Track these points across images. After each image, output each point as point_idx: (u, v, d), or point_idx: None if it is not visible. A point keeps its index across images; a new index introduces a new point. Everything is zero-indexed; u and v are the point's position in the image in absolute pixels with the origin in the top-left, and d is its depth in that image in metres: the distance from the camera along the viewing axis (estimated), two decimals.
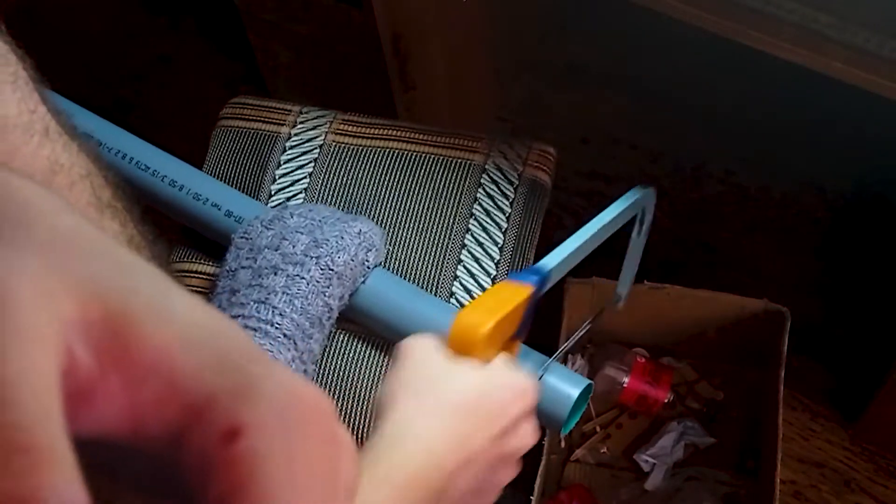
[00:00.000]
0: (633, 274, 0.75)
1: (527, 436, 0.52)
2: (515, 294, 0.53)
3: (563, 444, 1.18)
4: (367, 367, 0.78)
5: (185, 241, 0.87)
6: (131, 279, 0.21)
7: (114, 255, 0.21)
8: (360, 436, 0.76)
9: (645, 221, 0.70)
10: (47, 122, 0.49)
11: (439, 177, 0.84)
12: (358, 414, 0.77)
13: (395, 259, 0.81)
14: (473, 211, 0.83)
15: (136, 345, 0.20)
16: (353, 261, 0.74)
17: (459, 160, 0.85)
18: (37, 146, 0.49)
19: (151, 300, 0.20)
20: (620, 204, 0.66)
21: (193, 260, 0.85)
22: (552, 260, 0.57)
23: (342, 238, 0.74)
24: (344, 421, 0.77)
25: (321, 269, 0.72)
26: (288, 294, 0.70)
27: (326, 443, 0.21)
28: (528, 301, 0.54)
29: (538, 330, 0.86)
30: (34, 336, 0.18)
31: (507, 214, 0.83)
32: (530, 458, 1.03)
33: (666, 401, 1.15)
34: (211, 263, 0.84)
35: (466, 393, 0.48)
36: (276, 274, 0.71)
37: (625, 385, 1.15)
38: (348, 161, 0.86)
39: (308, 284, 0.71)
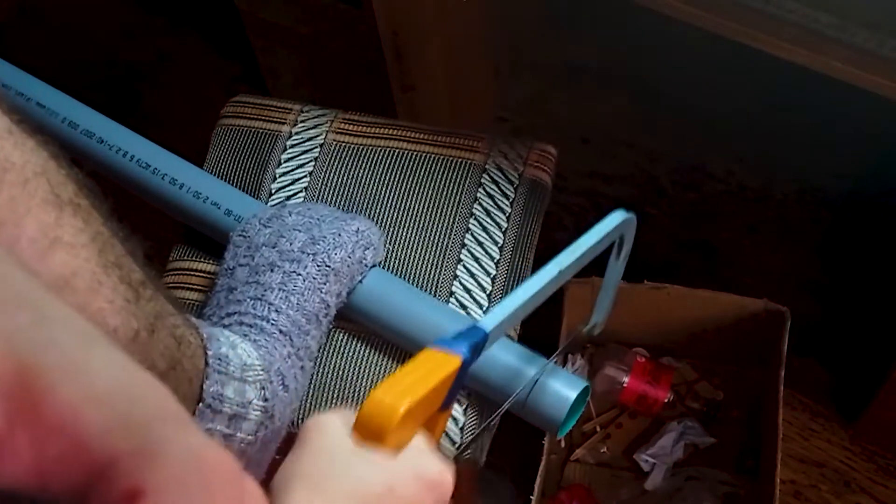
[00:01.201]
0: (610, 301, 0.72)
1: None
2: (441, 365, 0.48)
3: (563, 444, 1.18)
4: (365, 367, 0.78)
5: (185, 239, 0.87)
6: (50, 332, 0.21)
7: (36, 307, 0.21)
8: None
9: (624, 247, 0.68)
10: None
11: (440, 176, 0.84)
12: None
13: (395, 258, 0.81)
14: (473, 210, 0.83)
15: (45, 402, 0.20)
16: (350, 258, 0.74)
17: (460, 160, 0.85)
18: None
19: (66, 355, 0.20)
20: (598, 231, 0.62)
21: (194, 258, 0.85)
22: (492, 320, 0.52)
23: (339, 235, 0.74)
24: None
25: (318, 266, 0.72)
26: (284, 291, 0.70)
27: None
28: (455, 373, 0.48)
29: (538, 330, 0.86)
30: None
31: (507, 214, 0.83)
32: (530, 458, 1.03)
33: (666, 401, 1.15)
34: (211, 262, 0.84)
35: (370, 485, 0.43)
36: (272, 271, 0.71)
37: (625, 385, 1.15)
38: (349, 160, 0.86)
39: (304, 281, 0.71)
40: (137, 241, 0.58)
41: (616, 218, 0.63)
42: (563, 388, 0.70)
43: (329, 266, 0.72)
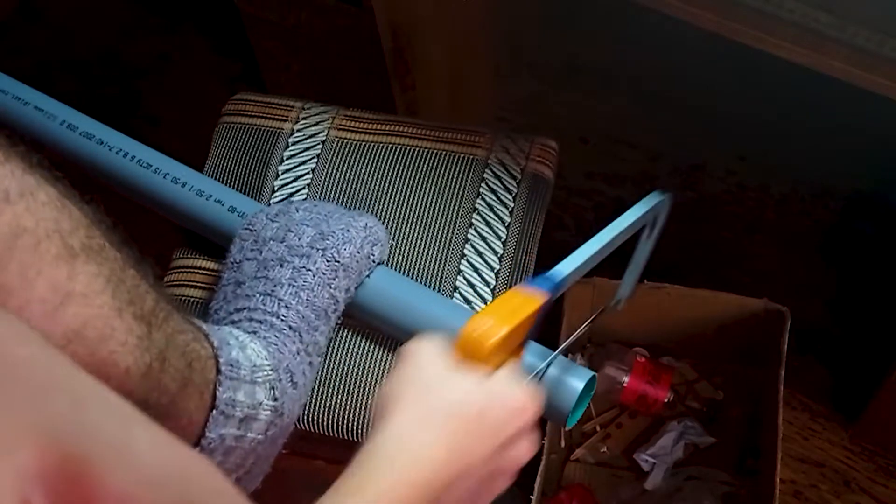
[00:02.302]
0: (636, 277, 0.74)
1: (525, 450, 0.52)
2: (528, 302, 0.53)
3: (563, 443, 1.18)
4: (371, 364, 0.78)
5: (187, 243, 0.86)
6: (90, 415, 0.20)
7: (72, 388, 0.20)
8: (362, 432, 0.76)
9: (656, 226, 0.70)
10: (6, 186, 0.48)
11: (442, 172, 0.85)
12: (361, 410, 0.77)
13: (399, 254, 0.81)
14: (476, 206, 0.83)
15: (96, 491, 0.19)
16: (358, 253, 0.73)
17: (462, 155, 0.85)
18: None
19: (111, 440, 0.20)
20: (637, 210, 0.66)
21: (196, 256, 0.85)
22: (566, 267, 0.57)
23: (348, 231, 0.74)
24: (348, 418, 0.77)
25: (327, 261, 0.72)
26: (294, 286, 0.70)
27: None
28: (540, 309, 0.53)
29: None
30: None
31: (510, 209, 0.83)
32: (530, 458, 1.03)
33: (666, 400, 1.15)
34: (215, 260, 0.84)
35: (466, 405, 0.48)
36: (281, 266, 0.71)
37: (625, 385, 1.15)
38: (351, 157, 0.87)
39: (314, 276, 0.71)
40: (149, 264, 0.58)
41: (653, 198, 0.68)
42: (571, 379, 0.70)
43: (338, 261, 0.72)
